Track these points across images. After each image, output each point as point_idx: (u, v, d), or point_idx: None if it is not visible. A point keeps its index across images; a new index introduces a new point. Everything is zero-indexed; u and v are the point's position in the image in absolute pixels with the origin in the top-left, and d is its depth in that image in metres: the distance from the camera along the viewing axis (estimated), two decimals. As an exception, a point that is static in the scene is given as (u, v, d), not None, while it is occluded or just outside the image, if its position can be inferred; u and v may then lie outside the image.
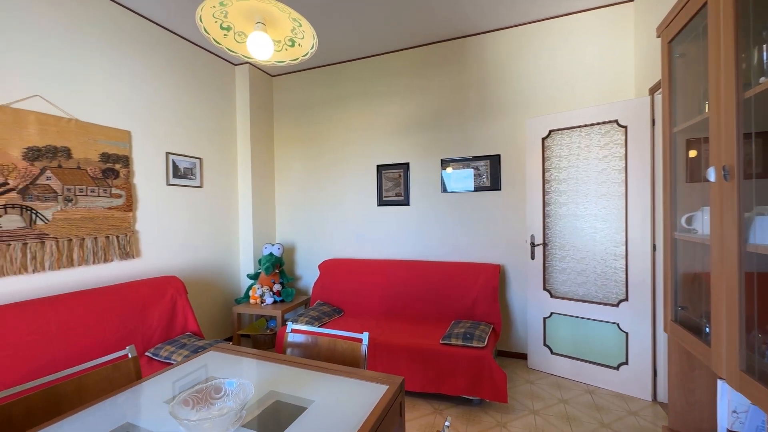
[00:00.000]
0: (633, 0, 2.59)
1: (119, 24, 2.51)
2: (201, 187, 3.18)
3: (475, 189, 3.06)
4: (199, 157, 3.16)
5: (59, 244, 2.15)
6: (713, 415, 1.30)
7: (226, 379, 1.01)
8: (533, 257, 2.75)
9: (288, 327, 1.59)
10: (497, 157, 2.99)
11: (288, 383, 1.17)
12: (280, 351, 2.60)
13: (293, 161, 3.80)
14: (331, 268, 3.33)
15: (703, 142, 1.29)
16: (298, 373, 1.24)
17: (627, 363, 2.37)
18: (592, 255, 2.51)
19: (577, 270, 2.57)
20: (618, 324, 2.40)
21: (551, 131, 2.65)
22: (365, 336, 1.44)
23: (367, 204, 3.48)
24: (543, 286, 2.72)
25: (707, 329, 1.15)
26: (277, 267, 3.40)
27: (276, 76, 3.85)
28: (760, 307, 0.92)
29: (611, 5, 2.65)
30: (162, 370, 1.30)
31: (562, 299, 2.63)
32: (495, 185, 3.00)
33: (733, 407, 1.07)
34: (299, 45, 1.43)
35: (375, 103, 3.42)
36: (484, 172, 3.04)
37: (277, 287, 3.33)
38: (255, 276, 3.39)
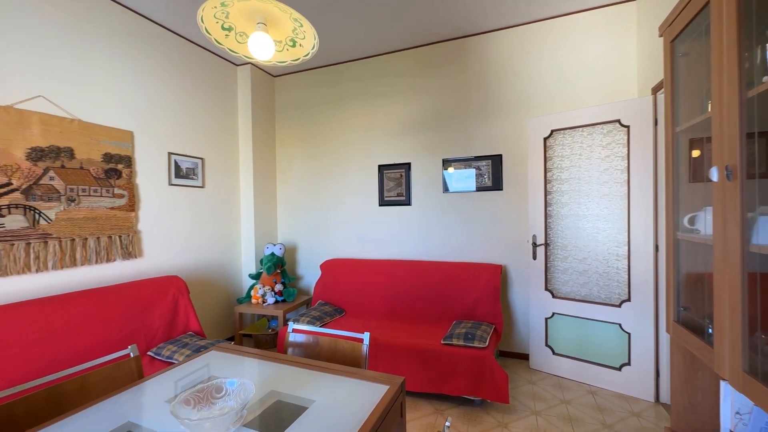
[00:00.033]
0: (635, -1, 2.59)
1: (121, 24, 2.52)
2: (203, 187, 3.19)
3: (477, 189, 3.05)
4: (201, 158, 3.17)
5: (62, 243, 2.17)
6: (716, 417, 1.29)
7: (227, 379, 1.02)
8: (535, 257, 2.74)
9: (289, 327, 1.59)
10: (499, 157, 2.99)
11: (289, 383, 1.17)
12: (281, 351, 2.60)
13: (295, 161, 3.81)
14: (333, 268, 3.34)
15: (706, 141, 1.28)
16: (299, 373, 1.24)
17: (629, 364, 2.36)
18: (594, 255, 2.50)
19: (579, 270, 2.56)
20: (620, 324, 2.39)
21: (553, 131, 2.65)
22: (366, 336, 1.44)
23: (369, 204, 3.48)
24: (545, 286, 2.71)
25: (710, 330, 1.15)
26: (279, 267, 3.41)
27: (278, 76, 3.86)
28: (763, 308, 0.91)
29: (613, 4, 2.64)
30: (164, 369, 1.31)
31: (564, 299, 2.63)
32: (497, 185, 2.99)
33: (737, 408, 1.06)
34: (300, 45, 1.44)
35: (376, 103, 3.42)
36: (485, 172, 3.03)
37: (279, 287, 3.34)
38: (257, 276, 3.40)
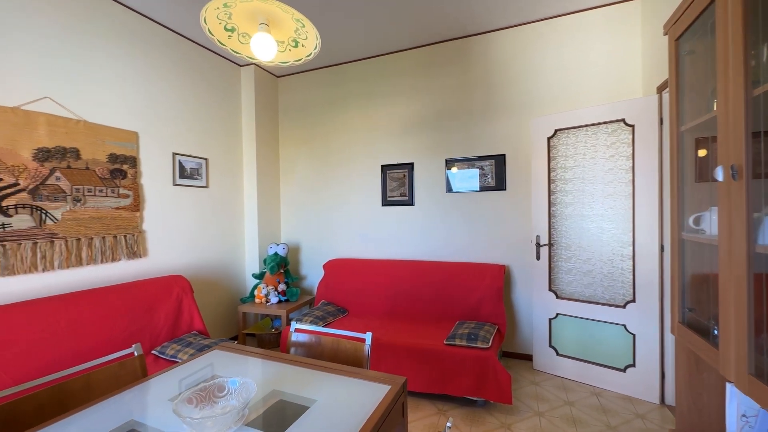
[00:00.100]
0: (640, -3, 2.57)
1: (125, 26, 2.54)
2: (207, 188, 3.21)
3: (480, 189, 3.04)
4: (205, 158, 3.18)
5: (68, 243, 2.19)
6: (722, 419, 1.28)
7: (229, 378, 1.02)
8: (539, 257, 2.72)
9: (292, 326, 1.59)
10: (502, 157, 2.98)
11: (291, 382, 1.18)
12: (284, 350, 2.61)
13: (298, 161, 3.82)
14: (336, 267, 3.34)
15: (712, 141, 1.27)
16: (301, 373, 1.25)
17: (634, 365, 2.34)
18: (598, 255, 2.48)
19: (584, 271, 2.54)
20: (625, 326, 2.37)
21: (557, 131, 2.63)
22: (368, 336, 1.44)
23: (372, 204, 3.48)
24: (549, 286, 2.70)
25: (715, 331, 1.13)
26: (282, 267, 3.42)
27: (281, 76, 3.87)
28: (769, 309, 0.90)
29: (618, 3, 2.62)
30: (168, 368, 1.32)
31: (568, 300, 2.61)
32: (500, 185, 2.98)
33: (743, 411, 1.05)
34: (302, 45, 1.44)
35: (379, 104, 3.42)
36: (489, 171, 3.02)
37: (282, 287, 3.35)
38: (260, 275, 3.41)
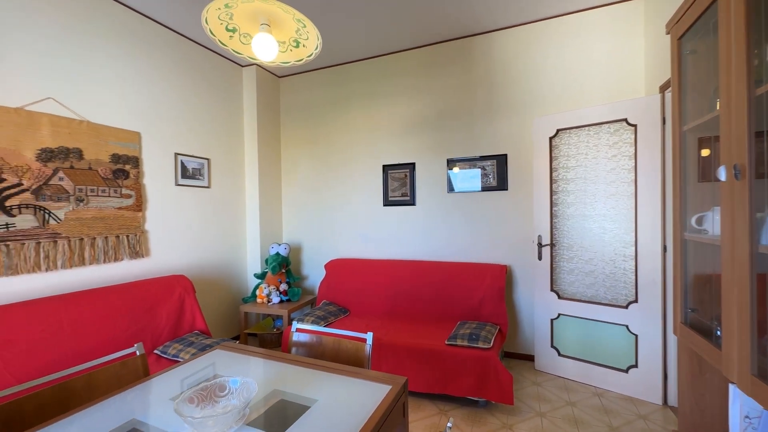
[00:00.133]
0: (643, -4, 2.56)
1: (125, 26, 2.55)
2: (209, 188, 3.22)
3: (482, 189, 3.04)
4: (207, 158, 3.19)
5: (71, 243, 2.20)
6: (724, 420, 1.27)
7: (230, 378, 1.02)
8: (540, 258, 2.72)
9: (293, 326, 1.60)
10: (504, 157, 2.97)
11: (293, 382, 1.18)
12: (285, 350, 2.61)
13: (300, 161, 3.82)
14: (337, 267, 3.34)
15: (714, 140, 1.26)
16: (302, 373, 1.25)
17: (636, 366, 2.33)
18: (600, 256, 2.47)
19: (586, 271, 2.53)
20: (627, 326, 2.36)
21: (559, 130, 2.62)
22: (369, 336, 1.44)
23: (373, 204, 3.48)
24: (550, 287, 2.69)
25: (718, 332, 1.13)
26: (284, 266, 3.43)
27: (283, 77, 3.88)
28: (772, 310, 0.89)
29: (620, 2, 2.60)
30: (169, 367, 1.32)
31: (570, 300, 2.60)
32: (502, 185, 2.98)
33: (746, 412, 1.04)
34: (304, 46, 1.44)
35: (381, 103, 3.42)
36: (490, 171, 3.01)
37: (284, 287, 3.36)
38: (262, 275, 3.42)
